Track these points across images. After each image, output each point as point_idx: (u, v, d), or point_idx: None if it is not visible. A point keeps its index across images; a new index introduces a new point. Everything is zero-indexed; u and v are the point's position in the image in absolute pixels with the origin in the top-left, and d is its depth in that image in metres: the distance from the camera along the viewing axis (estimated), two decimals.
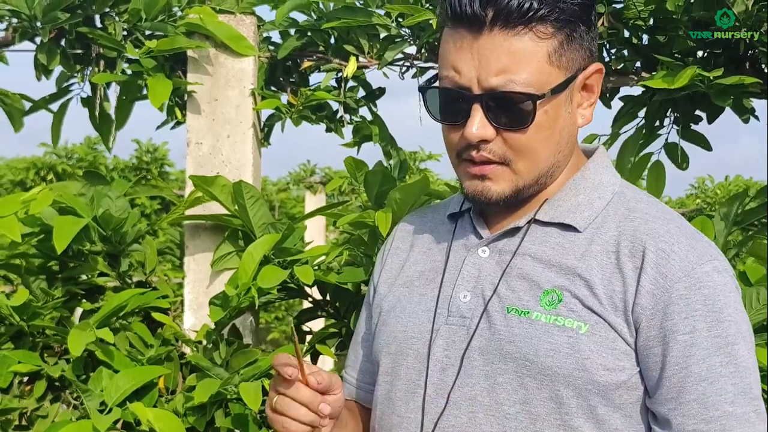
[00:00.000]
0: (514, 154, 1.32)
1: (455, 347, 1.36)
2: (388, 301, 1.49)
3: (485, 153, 1.32)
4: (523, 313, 1.31)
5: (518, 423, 1.30)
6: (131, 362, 2.05)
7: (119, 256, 2.19)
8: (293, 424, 1.33)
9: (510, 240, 1.39)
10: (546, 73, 1.28)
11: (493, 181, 1.35)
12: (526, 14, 1.26)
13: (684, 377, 1.27)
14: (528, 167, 1.34)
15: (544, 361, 1.28)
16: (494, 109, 1.29)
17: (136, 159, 7.60)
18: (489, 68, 1.27)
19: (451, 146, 1.37)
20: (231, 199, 2.04)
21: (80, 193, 2.22)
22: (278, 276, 1.90)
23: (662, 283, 1.27)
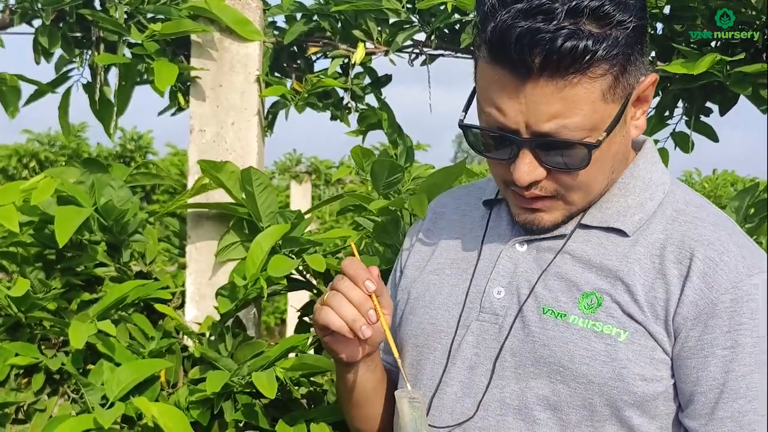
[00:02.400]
0: (566, 190, 1.25)
1: (485, 345, 1.31)
2: (417, 288, 1.43)
3: (536, 190, 1.25)
4: (560, 316, 1.26)
5: (548, 429, 1.25)
6: (132, 355, 1.99)
7: (120, 246, 2.12)
8: (334, 317, 1.27)
9: (551, 240, 1.32)
10: (600, 112, 1.18)
11: (545, 212, 1.29)
12: (580, 59, 1.13)
13: (720, 393, 1.21)
14: (582, 197, 1.28)
15: (578, 368, 1.23)
16: (545, 152, 1.20)
17: (120, 147, 7.51)
18: (538, 115, 1.16)
19: (499, 176, 1.29)
20: (238, 186, 1.98)
21: (79, 181, 2.15)
22: (289, 265, 1.84)
23: (707, 294, 1.21)
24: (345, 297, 1.28)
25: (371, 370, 1.43)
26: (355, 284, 1.28)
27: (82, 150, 7.35)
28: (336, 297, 1.28)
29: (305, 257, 1.85)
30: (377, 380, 1.46)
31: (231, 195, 2.00)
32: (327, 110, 2.30)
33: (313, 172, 7.41)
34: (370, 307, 1.28)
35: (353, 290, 1.28)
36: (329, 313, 1.28)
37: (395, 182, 2.09)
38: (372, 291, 1.28)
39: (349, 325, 1.27)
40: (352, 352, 1.35)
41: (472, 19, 2.07)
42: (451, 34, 2.24)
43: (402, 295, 1.46)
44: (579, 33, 1.12)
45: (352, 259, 1.31)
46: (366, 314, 1.27)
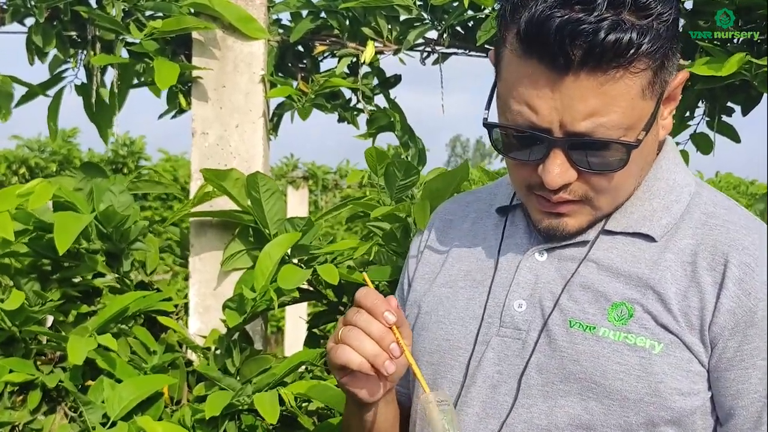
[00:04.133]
0: (596, 194, 1.17)
1: (508, 362, 1.21)
2: (428, 302, 1.33)
3: (564, 194, 1.16)
4: (589, 329, 1.17)
5: None
6: (134, 371, 1.88)
7: (120, 255, 2.01)
8: (353, 355, 1.16)
9: (573, 248, 1.23)
10: (638, 109, 1.10)
11: (570, 217, 1.19)
12: (624, 53, 1.05)
13: (763, 406, 1.14)
14: (610, 202, 1.19)
15: (612, 383, 1.14)
16: (579, 153, 1.11)
17: (111, 152, 7.38)
18: (575, 112, 1.08)
19: (521, 180, 1.19)
20: (244, 193, 1.88)
21: (77, 188, 2.04)
22: (299, 276, 1.74)
23: (745, 302, 1.13)
24: (363, 331, 1.17)
25: (390, 404, 1.34)
26: (373, 317, 1.18)
27: (73, 156, 7.22)
28: (353, 332, 1.17)
29: (317, 268, 1.75)
30: (394, 415, 1.37)
31: (236, 203, 1.90)
32: (335, 112, 2.20)
33: (310, 177, 7.30)
34: (392, 341, 1.17)
35: (372, 323, 1.17)
36: (347, 351, 1.17)
37: (410, 185, 2.00)
38: (393, 323, 1.18)
39: (371, 361, 1.17)
40: (372, 390, 1.24)
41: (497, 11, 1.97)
42: (464, 31, 2.15)
43: (411, 309, 1.37)
44: (622, 24, 1.05)
45: (368, 290, 1.20)
46: (388, 348, 1.17)
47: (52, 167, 7.08)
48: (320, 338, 2.07)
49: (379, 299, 1.18)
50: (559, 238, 1.23)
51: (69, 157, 7.14)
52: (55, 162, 7.10)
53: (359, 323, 1.17)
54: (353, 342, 1.17)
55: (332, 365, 1.21)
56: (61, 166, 7.16)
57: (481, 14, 2.06)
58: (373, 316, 1.18)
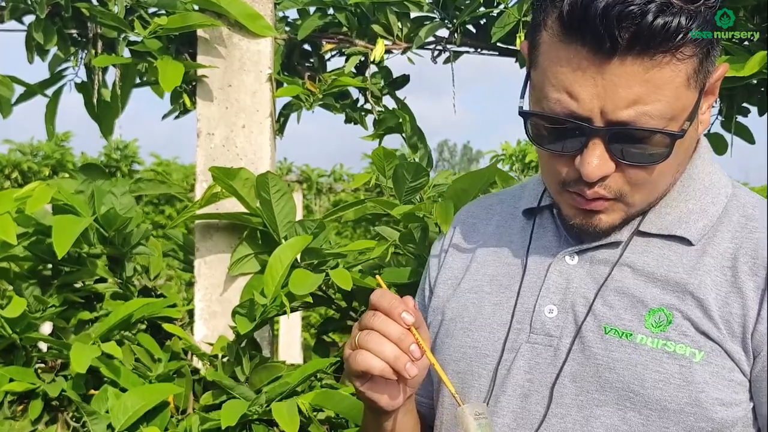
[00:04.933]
0: (631, 189, 1.11)
1: (540, 371, 1.16)
2: (453, 308, 1.28)
3: (600, 189, 1.10)
4: (625, 335, 1.11)
5: None
6: (139, 379, 1.82)
7: (122, 259, 1.95)
8: (374, 360, 1.10)
9: (606, 250, 1.18)
10: (682, 99, 1.05)
11: (604, 214, 1.14)
12: (672, 37, 1.00)
13: None
14: (645, 198, 1.14)
15: (651, 393, 1.09)
16: (619, 144, 1.06)
17: (104, 156, 7.29)
18: (618, 100, 1.03)
19: (554, 174, 1.14)
20: (253, 194, 1.81)
21: (77, 191, 1.98)
22: (312, 281, 1.67)
23: None
24: (381, 334, 1.11)
25: (410, 413, 1.28)
26: (390, 318, 1.12)
27: (66, 160, 7.13)
28: (371, 336, 1.11)
29: (330, 273, 1.69)
30: (414, 424, 1.31)
31: (245, 204, 1.84)
32: (343, 112, 2.14)
33: (304, 181, 7.24)
34: (412, 342, 1.12)
35: (390, 325, 1.12)
36: (367, 357, 1.11)
37: (419, 187, 1.94)
38: (411, 323, 1.12)
39: (392, 365, 1.11)
40: (393, 397, 1.19)
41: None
42: (476, 29, 2.09)
43: (434, 316, 1.32)
44: (670, 7, 1.00)
45: (383, 291, 1.14)
46: (408, 350, 1.11)
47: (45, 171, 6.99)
48: (329, 345, 2.01)
49: (395, 300, 1.13)
50: (592, 237, 1.18)
51: (62, 161, 7.06)
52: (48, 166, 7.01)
53: (376, 326, 1.12)
54: (372, 346, 1.11)
55: (351, 372, 1.15)
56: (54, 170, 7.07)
57: (495, 11, 2.00)
58: (391, 318, 1.12)
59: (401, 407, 1.21)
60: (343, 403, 1.66)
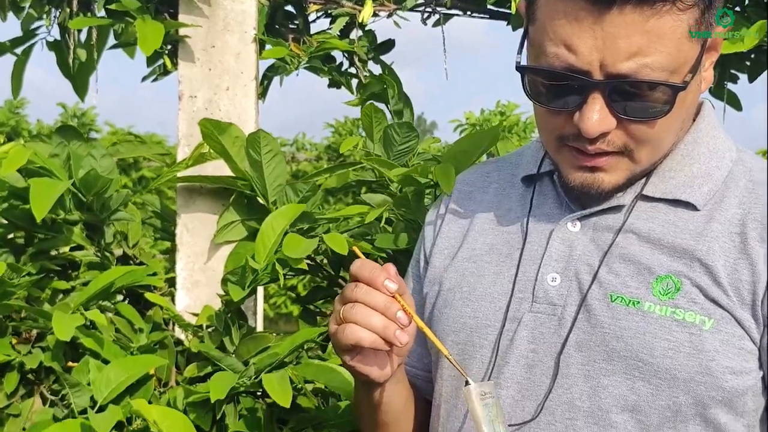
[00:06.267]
0: (636, 144, 1.08)
1: (544, 341, 1.13)
2: (450, 278, 1.24)
3: (602, 145, 1.07)
4: (632, 303, 1.09)
5: None
6: (121, 351, 1.74)
7: (101, 225, 1.87)
8: (363, 332, 1.07)
9: (609, 215, 1.15)
10: (684, 51, 1.03)
11: (606, 172, 1.11)
12: None
13: None
14: (650, 155, 1.11)
15: (660, 362, 1.07)
16: (620, 97, 1.04)
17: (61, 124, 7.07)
18: (617, 52, 1.01)
19: (552, 131, 1.11)
20: (243, 155, 1.74)
21: (52, 154, 1.89)
22: (306, 245, 1.61)
23: None
24: (366, 305, 1.08)
25: (401, 382, 1.26)
26: (373, 288, 1.09)
27: (21, 127, 6.94)
28: (356, 308, 1.09)
29: (324, 237, 1.63)
30: (406, 394, 1.29)
31: (233, 166, 1.76)
32: (330, 75, 2.07)
33: None
34: (398, 309, 1.09)
35: (374, 295, 1.08)
36: (356, 330, 1.08)
37: (408, 151, 1.88)
38: (395, 291, 1.09)
39: (381, 335, 1.08)
40: (382, 368, 1.16)
41: None
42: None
43: (431, 287, 1.28)
44: None
45: (363, 261, 1.11)
46: (395, 318, 1.08)
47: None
48: (316, 314, 1.95)
49: (376, 269, 1.10)
50: (594, 200, 1.15)
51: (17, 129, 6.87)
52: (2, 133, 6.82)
53: (360, 297, 1.09)
54: (359, 318, 1.08)
55: (340, 347, 1.12)
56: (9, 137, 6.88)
57: None
58: (373, 287, 1.09)
59: (392, 378, 1.19)
60: (336, 378, 1.60)
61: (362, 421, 1.33)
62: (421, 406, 1.33)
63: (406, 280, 1.38)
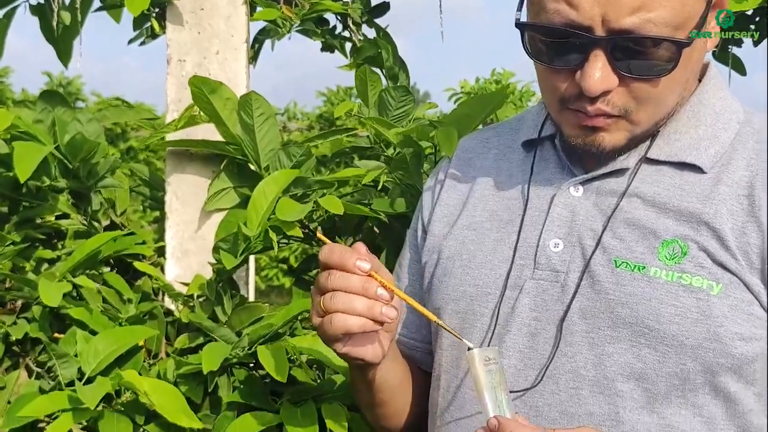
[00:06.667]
0: (636, 104, 1.06)
1: (546, 308, 1.11)
2: (450, 246, 1.22)
3: (602, 105, 1.05)
4: (638, 268, 1.06)
5: (633, 402, 1.06)
6: (109, 322, 1.69)
7: (88, 193, 1.81)
8: (350, 318, 1.05)
9: (612, 179, 1.13)
10: (688, 6, 1.01)
11: (607, 132, 1.08)
12: None
13: None
14: (651, 116, 1.08)
15: (667, 328, 1.04)
16: (622, 55, 1.01)
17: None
18: (620, 6, 0.98)
19: (553, 91, 1.09)
20: (234, 118, 1.67)
21: (36, 120, 1.83)
22: (300, 209, 1.56)
23: None
24: (345, 291, 1.06)
25: (395, 359, 1.25)
26: (347, 272, 1.06)
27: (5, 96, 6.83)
28: (336, 297, 1.06)
29: (319, 200, 1.57)
30: (402, 370, 1.28)
31: (223, 130, 1.70)
32: (323, 39, 2.01)
33: None
34: (377, 286, 1.06)
35: (349, 279, 1.05)
36: (341, 318, 1.05)
37: (404, 116, 1.83)
38: (369, 270, 1.06)
39: (368, 316, 1.05)
40: (376, 348, 1.13)
41: None
42: None
43: (430, 256, 1.26)
44: None
45: (330, 247, 1.07)
46: (377, 296, 1.05)
47: None
48: (310, 284, 1.90)
49: (345, 252, 1.06)
50: (596, 162, 1.13)
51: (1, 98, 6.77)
52: None
53: (336, 285, 1.06)
54: (341, 306, 1.05)
55: (328, 338, 1.09)
56: None
57: None
58: (347, 271, 1.05)
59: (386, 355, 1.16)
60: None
61: (359, 400, 1.31)
62: (419, 379, 1.31)
63: (404, 251, 1.36)
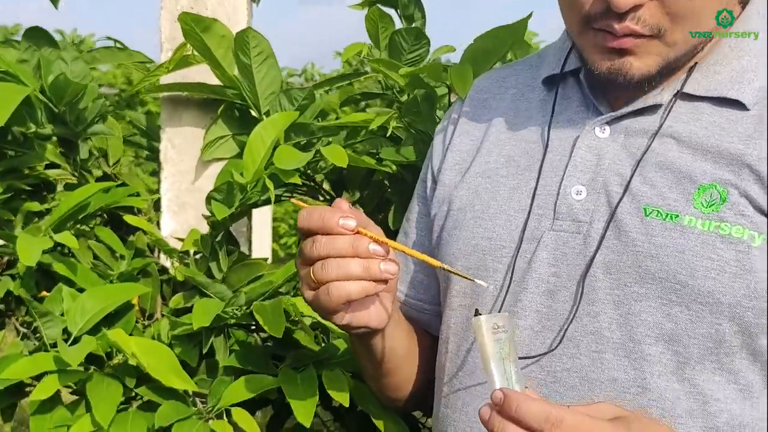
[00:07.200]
0: (671, 22, 0.93)
1: (567, 262, 1.00)
2: (461, 196, 1.09)
3: (631, 23, 0.93)
4: (670, 217, 0.96)
5: (662, 367, 0.96)
6: (99, 279, 1.57)
7: (76, 140, 1.67)
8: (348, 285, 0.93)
9: (643, 118, 1.02)
10: None
11: (636, 56, 0.96)
12: None
13: None
14: (687, 37, 0.96)
15: (702, 284, 0.94)
16: None
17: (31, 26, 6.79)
18: None
19: (575, 7, 0.96)
20: (230, 58, 1.53)
21: (21, 60, 1.69)
22: (300, 157, 1.42)
23: None
24: (334, 257, 0.94)
25: (399, 325, 1.14)
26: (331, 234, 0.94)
27: None
28: (327, 264, 0.94)
29: (321, 150, 1.43)
30: (407, 335, 1.17)
31: (219, 72, 1.56)
32: None
33: None
34: (369, 242, 0.93)
35: (336, 242, 0.93)
36: (339, 286, 0.94)
37: (419, 59, 1.68)
38: (354, 227, 0.94)
39: (367, 278, 0.94)
40: (379, 312, 1.02)
41: None
42: None
43: (439, 207, 1.14)
44: None
45: (308, 210, 0.96)
46: (370, 254, 0.93)
47: None
48: None
49: (326, 212, 0.94)
50: (625, 97, 1.01)
51: None
52: None
53: (324, 251, 0.93)
54: (335, 274, 0.93)
55: (327, 311, 0.97)
56: None
57: None
58: (332, 233, 0.93)
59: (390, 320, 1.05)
60: None
61: (364, 371, 1.21)
62: (426, 344, 1.19)
63: (412, 203, 1.24)
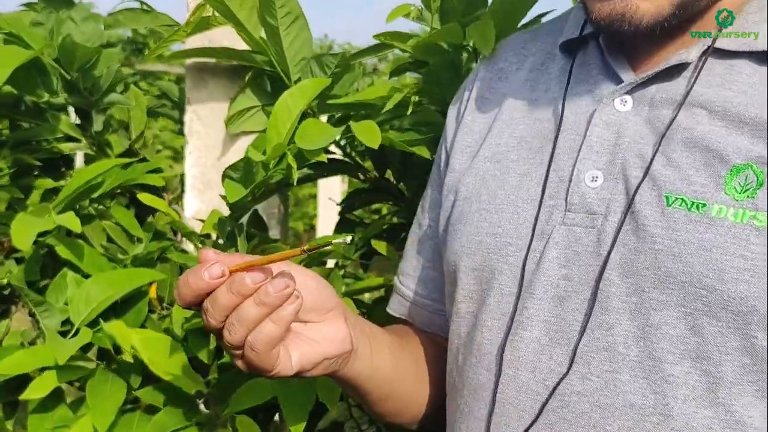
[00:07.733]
0: None
1: (578, 263, 0.85)
2: (468, 184, 0.96)
3: None
4: (696, 206, 0.80)
5: (688, 390, 0.80)
6: (109, 263, 1.41)
7: (91, 110, 1.52)
8: (264, 329, 0.81)
9: (669, 83, 0.86)
10: None
11: None
12: None
13: None
14: None
15: (733, 288, 0.78)
16: None
17: None
18: None
19: None
20: (255, 21, 1.35)
21: (36, 22, 1.54)
22: (328, 134, 1.23)
23: None
24: (228, 313, 0.81)
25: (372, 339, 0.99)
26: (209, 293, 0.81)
27: None
28: (229, 326, 0.81)
29: (352, 125, 1.25)
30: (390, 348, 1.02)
31: (245, 35, 1.38)
32: None
33: None
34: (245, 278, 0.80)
35: (218, 298, 0.80)
36: (256, 338, 0.81)
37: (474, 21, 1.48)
38: (222, 271, 0.80)
39: (269, 310, 0.80)
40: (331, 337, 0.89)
41: None
42: None
43: (446, 197, 1.00)
44: None
45: (178, 282, 0.82)
46: (253, 287, 0.80)
47: None
48: (355, 225, 1.58)
49: (189, 275, 0.81)
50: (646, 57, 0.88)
51: None
52: None
53: (217, 316, 0.81)
54: (242, 330, 0.81)
55: (270, 369, 0.84)
56: None
57: None
58: (209, 292, 0.81)
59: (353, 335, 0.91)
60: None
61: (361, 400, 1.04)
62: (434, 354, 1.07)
63: (426, 188, 1.09)
